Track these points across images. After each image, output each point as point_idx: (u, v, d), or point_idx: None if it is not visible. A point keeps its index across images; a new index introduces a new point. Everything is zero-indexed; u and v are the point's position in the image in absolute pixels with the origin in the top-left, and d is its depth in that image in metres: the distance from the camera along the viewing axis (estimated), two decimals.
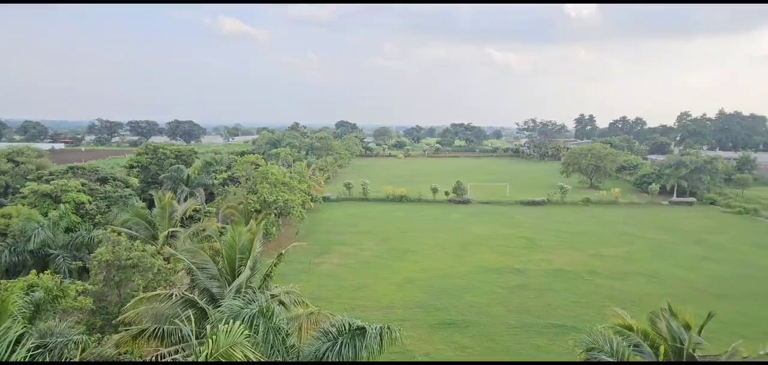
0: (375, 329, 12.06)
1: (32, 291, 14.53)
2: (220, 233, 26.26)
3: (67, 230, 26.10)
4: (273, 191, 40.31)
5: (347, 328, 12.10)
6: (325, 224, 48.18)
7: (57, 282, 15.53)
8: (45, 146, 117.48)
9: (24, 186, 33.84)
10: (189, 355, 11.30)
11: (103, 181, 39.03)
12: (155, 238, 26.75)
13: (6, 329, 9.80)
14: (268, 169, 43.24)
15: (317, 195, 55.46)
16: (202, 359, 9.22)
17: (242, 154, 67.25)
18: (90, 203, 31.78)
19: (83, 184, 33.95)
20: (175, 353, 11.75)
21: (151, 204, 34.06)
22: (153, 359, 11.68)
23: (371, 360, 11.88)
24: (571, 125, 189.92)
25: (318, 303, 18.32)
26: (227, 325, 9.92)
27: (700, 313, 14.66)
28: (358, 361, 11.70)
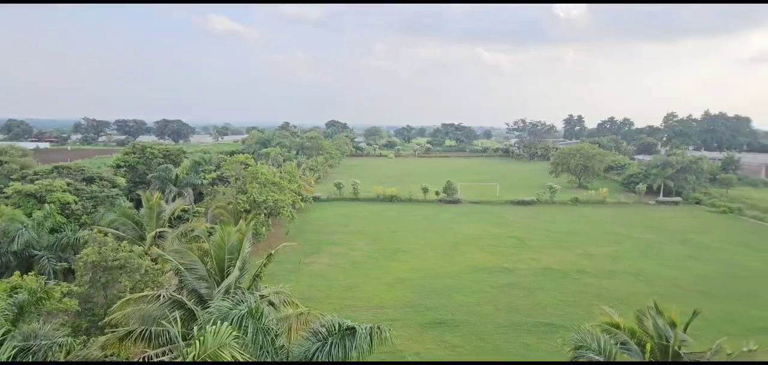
0: (365, 329, 12.05)
1: (15, 293, 14.24)
2: (209, 233, 26.00)
3: (52, 230, 25.70)
4: (263, 190, 40.08)
5: (337, 328, 12.07)
6: (316, 224, 48.03)
7: (41, 284, 15.27)
8: (29, 145, 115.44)
9: (7, 186, 33.25)
10: (176, 357, 11.19)
11: (90, 181, 38.47)
12: (143, 238, 26.45)
13: None
14: (258, 169, 42.97)
15: (307, 195, 55.27)
16: (190, 360, 9.14)
17: (232, 153, 66.69)
18: (76, 203, 31.30)
19: (69, 184, 33.43)
20: (163, 355, 11.63)
21: (139, 204, 33.61)
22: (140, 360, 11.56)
23: (361, 361, 11.86)
24: (560, 126, 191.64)
25: (308, 304, 18.25)
26: (215, 326, 9.85)
27: (686, 311, 14.94)
28: (348, 361, 11.68)
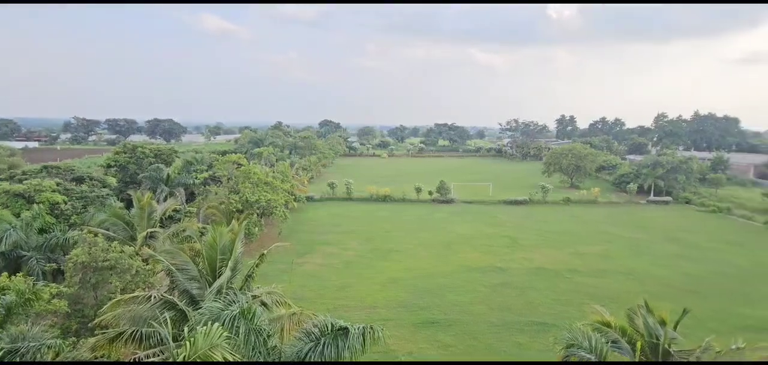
0: (358, 329, 12.04)
1: (3, 294, 14.08)
2: (201, 233, 25.85)
3: (41, 231, 25.42)
4: (255, 190, 39.89)
5: (330, 328, 12.05)
6: (309, 224, 47.91)
7: (30, 285, 15.08)
8: (18, 145, 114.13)
9: None
10: (167, 358, 11.11)
11: (79, 180, 38.06)
12: (133, 239, 26.21)
13: None
14: (251, 168, 42.78)
15: (300, 195, 55.10)
16: (180, 361, 9.07)
17: (224, 153, 66.43)
18: (65, 203, 30.94)
19: (58, 183, 33.04)
20: (153, 356, 11.53)
21: (130, 204, 33.34)
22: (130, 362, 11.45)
23: (354, 360, 11.85)
24: (553, 126, 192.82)
25: (300, 304, 18.21)
26: (206, 327, 9.79)
27: (676, 309, 15.12)
28: (341, 361, 11.66)
